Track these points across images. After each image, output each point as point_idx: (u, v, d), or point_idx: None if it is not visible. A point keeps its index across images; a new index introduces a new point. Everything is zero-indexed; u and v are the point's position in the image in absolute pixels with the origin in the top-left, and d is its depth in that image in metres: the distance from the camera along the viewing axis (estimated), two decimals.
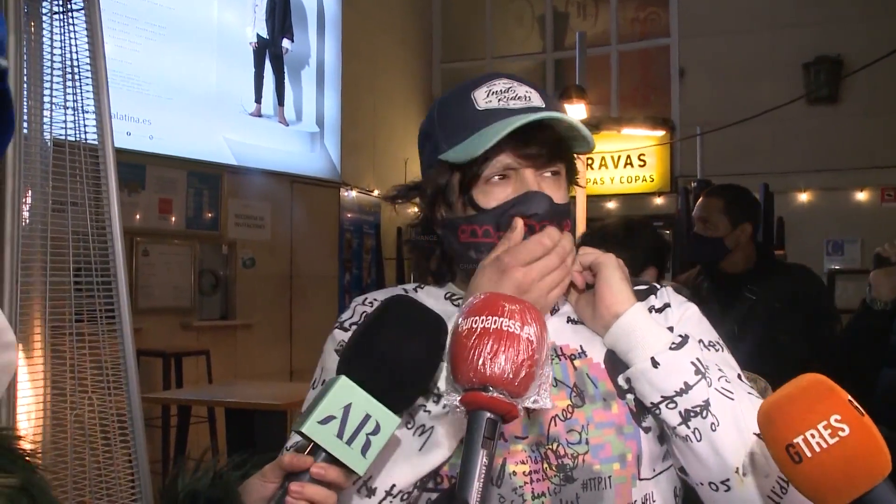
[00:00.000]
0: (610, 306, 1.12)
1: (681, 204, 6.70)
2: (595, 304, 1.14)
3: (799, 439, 0.78)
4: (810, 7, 8.34)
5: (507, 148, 1.11)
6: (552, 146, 1.14)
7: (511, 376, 0.85)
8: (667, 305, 1.23)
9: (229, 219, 6.75)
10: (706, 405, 1.07)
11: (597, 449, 1.10)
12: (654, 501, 1.13)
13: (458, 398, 0.88)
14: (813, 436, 0.77)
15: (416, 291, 1.26)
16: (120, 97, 5.51)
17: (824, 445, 0.77)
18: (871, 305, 2.38)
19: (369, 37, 8.69)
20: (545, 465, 1.09)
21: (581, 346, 1.17)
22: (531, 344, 0.87)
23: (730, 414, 1.07)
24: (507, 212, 1.12)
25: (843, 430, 0.77)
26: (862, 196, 8.12)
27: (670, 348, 1.09)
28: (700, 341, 1.17)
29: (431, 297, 1.22)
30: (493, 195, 1.13)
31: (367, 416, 0.91)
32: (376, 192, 8.52)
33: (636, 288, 1.21)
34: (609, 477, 1.09)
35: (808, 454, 0.77)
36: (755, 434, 1.04)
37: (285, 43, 7.44)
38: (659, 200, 9.12)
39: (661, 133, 8.89)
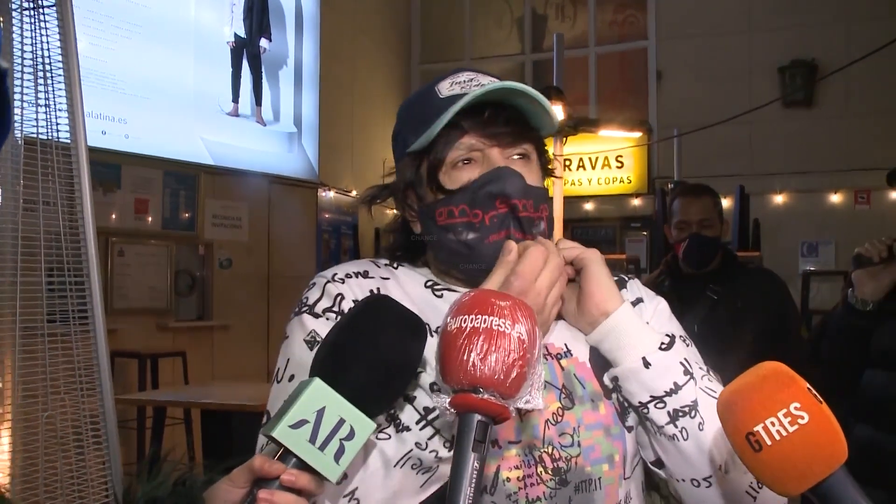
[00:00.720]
0: (599, 304, 1.10)
1: (658, 205, 6.74)
2: (581, 300, 1.12)
3: (759, 427, 0.78)
4: (786, 11, 8.42)
5: (469, 129, 1.09)
6: (517, 125, 1.12)
7: (502, 377, 0.82)
8: (639, 300, 1.23)
9: (206, 219, 6.70)
10: (694, 405, 1.07)
11: (588, 451, 1.09)
12: (631, 499, 1.14)
13: (448, 400, 0.84)
14: (773, 424, 0.77)
15: (396, 268, 1.21)
16: (95, 95, 5.46)
17: (784, 433, 0.77)
18: (855, 306, 2.37)
19: (348, 37, 8.66)
20: (540, 469, 1.07)
21: (566, 345, 1.15)
22: (522, 343, 0.83)
23: (714, 412, 1.06)
24: (482, 189, 1.10)
25: (802, 417, 0.77)
26: (836, 198, 8.21)
27: (660, 348, 1.09)
28: (675, 336, 1.16)
29: (411, 281, 1.18)
30: (459, 179, 1.11)
31: (342, 421, 0.87)
32: (354, 193, 8.50)
33: None
34: (599, 478, 1.09)
35: (769, 442, 0.77)
36: None
37: (263, 42, 7.40)
38: (636, 202, 9.16)
39: (638, 135, 8.92)
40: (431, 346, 0.92)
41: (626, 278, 1.26)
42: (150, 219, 6.18)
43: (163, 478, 0.90)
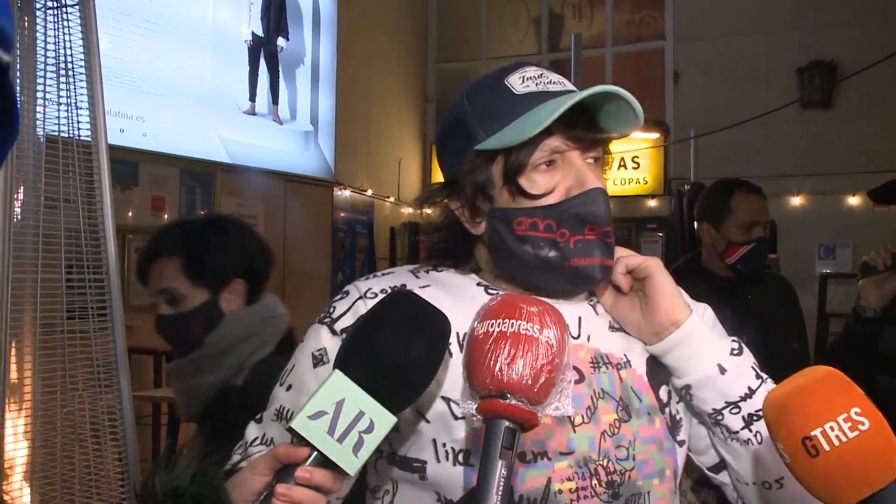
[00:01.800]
0: (669, 313, 1.09)
1: (674, 206, 6.71)
2: (648, 310, 1.10)
3: (817, 432, 0.75)
4: (805, 12, 8.36)
5: (554, 131, 1.05)
6: (596, 128, 1.10)
7: (530, 382, 0.80)
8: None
9: None
10: None
11: (642, 465, 1.08)
12: None
13: (475, 406, 0.83)
14: (832, 428, 0.74)
15: (440, 272, 1.16)
16: (114, 94, 5.49)
17: (844, 439, 0.74)
18: (861, 313, 2.40)
19: (364, 36, 8.67)
20: (594, 482, 1.05)
21: (625, 356, 1.12)
22: (551, 348, 0.82)
23: None
24: (573, 209, 1.06)
25: (863, 423, 0.74)
26: (854, 201, 8.15)
27: (732, 354, 1.08)
28: None
29: (459, 283, 1.14)
30: (539, 183, 1.06)
31: (361, 414, 0.85)
32: (370, 192, 8.51)
33: None
34: (648, 492, 1.08)
35: (826, 447, 0.74)
36: None
37: (280, 41, 7.42)
38: (652, 203, 9.13)
39: (655, 136, 8.89)
40: None
41: None
42: (166, 216, 6.20)
43: (182, 469, 0.90)
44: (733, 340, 1.10)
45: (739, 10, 8.64)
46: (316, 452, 0.86)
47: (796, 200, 8.31)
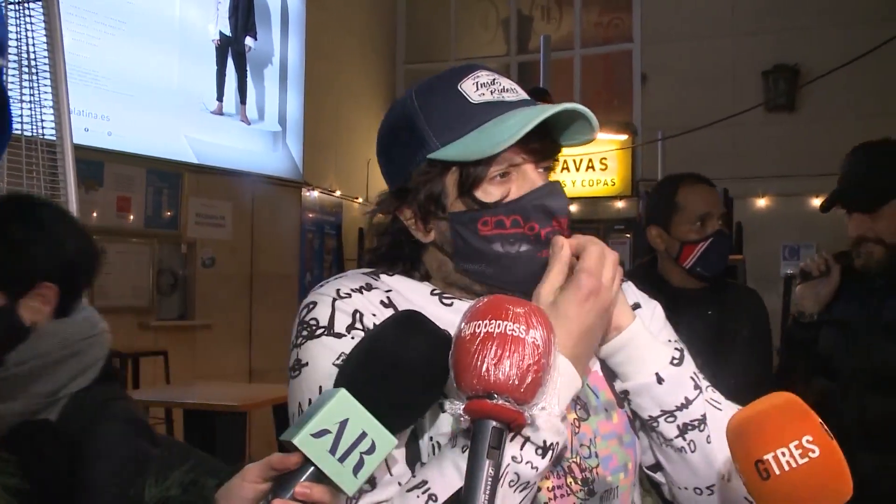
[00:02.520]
0: (611, 318, 1.08)
1: (641, 208, 6.77)
2: None
3: (769, 456, 0.78)
4: (770, 17, 8.48)
5: (512, 144, 1.03)
6: (550, 140, 1.11)
7: (516, 382, 0.81)
8: (637, 305, 1.21)
9: (189, 218, 6.66)
10: (703, 419, 1.08)
11: (606, 460, 1.09)
12: None
13: (462, 406, 0.83)
14: (783, 454, 0.77)
15: (391, 276, 1.14)
16: (78, 92, 5.41)
17: (793, 465, 0.77)
18: (799, 318, 2.44)
19: (333, 36, 8.64)
20: (569, 480, 1.06)
21: None
22: (537, 348, 0.83)
23: (720, 424, 1.06)
24: (538, 202, 1.06)
25: (812, 451, 0.77)
26: (818, 202, 8.25)
27: (672, 363, 1.08)
28: (671, 342, 1.17)
29: (413, 291, 1.13)
30: (493, 194, 1.06)
31: (364, 434, 0.86)
32: (338, 193, 8.48)
33: None
34: (617, 487, 1.09)
35: (777, 472, 0.77)
36: None
37: (248, 41, 7.37)
38: (620, 204, 9.20)
39: (623, 137, 8.96)
40: None
41: (622, 280, 1.22)
42: (132, 217, 6.13)
43: (174, 481, 0.89)
44: (675, 349, 1.10)
45: (706, 13, 8.74)
46: (313, 467, 0.85)
47: (762, 202, 8.42)
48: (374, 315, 1.06)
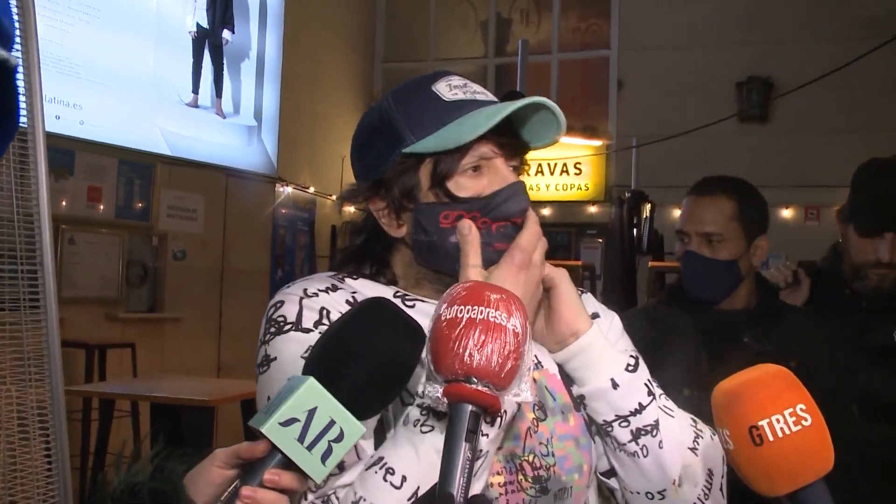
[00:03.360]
0: (569, 324, 1.12)
1: (614, 213, 6.82)
2: (550, 319, 1.13)
3: (764, 422, 0.80)
4: (745, 28, 8.59)
5: (485, 138, 1.08)
6: (520, 136, 1.15)
7: (497, 368, 0.83)
8: (596, 314, 1.24)
9: (161, 210, 6.60)
10: (656, 424, 1.11)
11: (562, 460, 1.12)
12: None
13: (440, 390, 0.84)
14: (778, 420, 0.79)
15: (356, 280, 1.17)
16: (50, 79, 5.34)
17: (787, 431, 0.79)
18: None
19: (311, 32, 8.61)
20: (520, 477, 1.09)
21: (536, 356, 1.15)
22: (517, 335, 0.85)
23: (672, 430, 1.12)
24: (502, 202, 1.09)
25: (805, 419, 0.79)
26: (787, 213, 8.39)
27: (627, 370, 1.11)
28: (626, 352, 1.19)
29: (377, 293, 1.13)
30: (466, 187, 1.10)
31: (332, 423, 0.86)
32: (312, 189, 8.45)
33: None
34: (571, 487, 1.12)
35: (771, 438, 0.79)
36: (688, 448, 1.13)
37: (225, 34, 7.32)
38: (593, 209, 9.26)
39: (597, 143, 9.03)
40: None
41: (580, 291, 1.24)
42: (102, 207, 6.07)
43: (140, 466, 0.89)
44: (630, 356, 1.13)
45: (683, 23, 8.83)
46: (281, 455, 0.86)
47: None
48: (340, 312, 1.06)
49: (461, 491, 0.80)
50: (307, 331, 1.08)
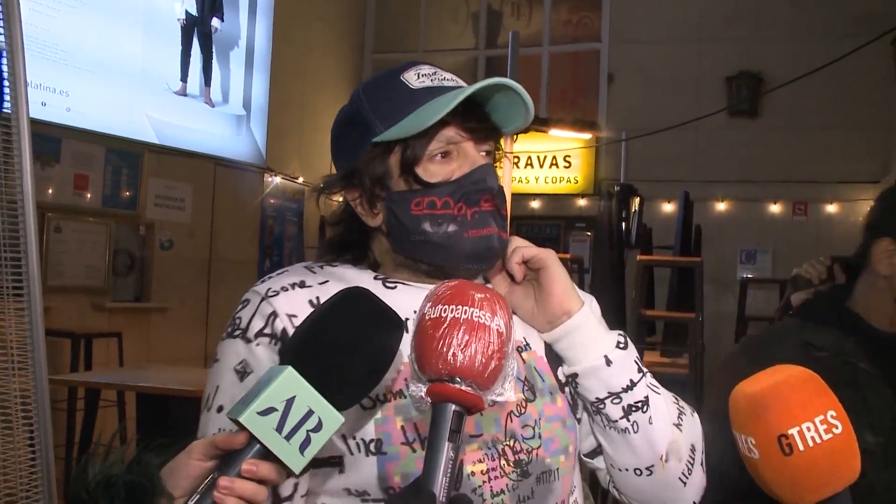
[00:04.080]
0: (561, 303, 1.13)
1: (603, 206, 6.82)
2: (541, 299, 1.14)
3: (794, 430, 0.76)
4: (736, 24, 8.60)
5: (450, 122, 1.08)
6: (489, 121, 1.14)
7: (481, 368, 0.83)
8: None
9: (148, 199, 6.56)
10: (646, 401, 1.12)
11: (548, 442, 1.12)
12: (575, 487, 1.19)
13: (424, 389, 0.85)
14: (809, 429, 0.76)
15: (335, 266, 1.17)
16: (36, 65, 5.29)
17: (818, 440, 0.76)
18: None
19: (301, 22, 8.56)
20: (503, 462, 1.08)
21: (524, 338, 1.17)
22: (501, 335, 0.85)
23: (660, 407, 1.14)
24: (471, 184, 1.10)
25: (836, 427, 0.76)
26: (775, 208, 8.42)
27: (618, 347, 1.13)
28: None
29: (357, 277, 1.15)
30: (436, 172, 1.10)
31: (310, 412, 0.85)
32: (301, 180, 8.42)
33: None
34: (557, 469, 1.13)
35: (801, 447, 0.76)
36: (674, 424, 1.15)
37: (215, 22, 7.27)
38: (582, 202, 9.26)
39: (587, 136, 9.02)
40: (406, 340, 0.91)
41: None
42: (89, 195, 6.03)
43: (116, 458, 0.87)
44: (619, 334, 1.15)
45: (674, 17, 8.83)
46: (259, 445, 0.85)
47: (721, 206, 8.54)
48: (290, 316, 1.08)
49: (444, 490, 0.80)
50: (248, 341, 1.09)
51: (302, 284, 1.13)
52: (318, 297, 1.11)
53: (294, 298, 1.11)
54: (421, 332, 0.85)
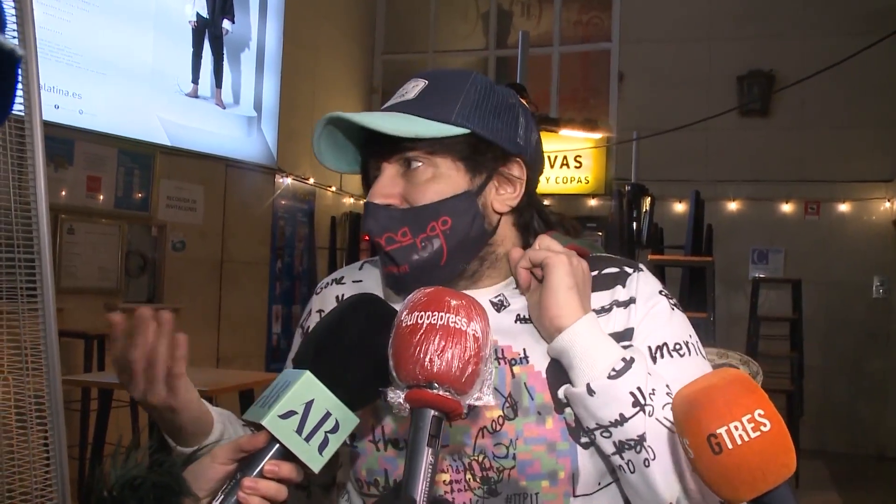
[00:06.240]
0: (553, 318, 1.04)
1: (614, 207, 6.81)
2: (539, 310, 1.07)
3: (722, 430, 0.78)
4: (747, 22, 8.56)
5: (364, 151, 1.14)
6: (389, 139, 1.05)
7: (458, 373, 0.84)
8: (632, 300, 1.12)
9: (160, 200, 6.59)
10: (641, 439, 1.01)
11: (524, 465, 1.05)
12: None
13: (403, 395, 0.85)
14: (736, 428, 0.78)
15: (375, 266, 1.25)
16: (49, 68, 5.33)
17: (746, 438, 0.78)
18: None
19: (312, 23, 8.58)
20: (468, 476, 1.06)
21: (524, 351, 1.09)
22: (477, 340, 0.85)
23: (667, 446, 1.01)
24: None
25: (764, 424, 0.78)
26: (787, 208, 8.38)
27: (609, 376, 1.01)
28: (664, 346, 1.10)
29: (376, 282, 1.22)
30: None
31: (328, 414, 0.90)
32: (312, 181, 8.44)
33: (605, 271, 1.14)
34: (536, 494, 1.05)
35: (730, 446, 0.78)
36: (691, 470, 1.00)
37: (225, 24, 7.29)
38: (593, 202, 9.24)
39: (598, 136, 9.00)
40: None
41: (629, 270, 1.15)
42: (101, 197, 6.06)
43: (135, 459, 0.89)
44: (622, 359, 1.02)
45: (684, 16, 8.80)
46: (279, 445, 0.89)
47: (733, 205, 8.50)
48: (318, 312, 1.21)
49: (424, 496, 0.81)
50: (303, 331, 1.22)
51: (339, 280, 1.22)
52: (342, 294, 1.19)
53: (327, 294, 1.21)
54: (398, 339, 0.86)
